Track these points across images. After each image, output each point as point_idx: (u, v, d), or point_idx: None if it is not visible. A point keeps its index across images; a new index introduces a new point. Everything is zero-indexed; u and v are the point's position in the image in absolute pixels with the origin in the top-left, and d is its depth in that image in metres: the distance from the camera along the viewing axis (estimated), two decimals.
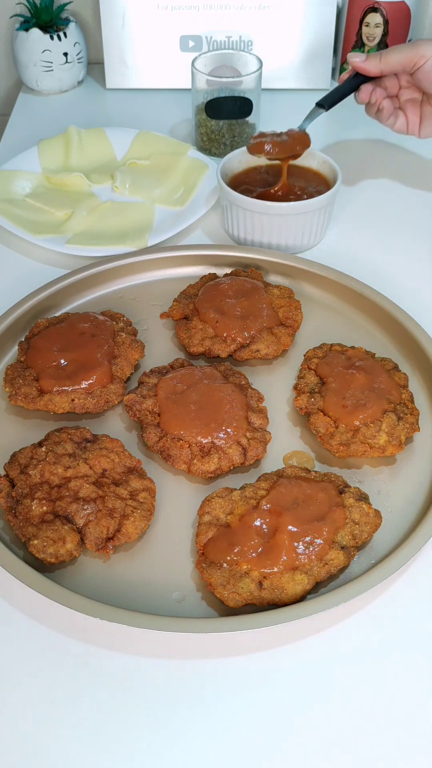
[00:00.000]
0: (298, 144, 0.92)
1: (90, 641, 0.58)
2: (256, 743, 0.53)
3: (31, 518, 0.62)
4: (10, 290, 0.86)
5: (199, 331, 0.79)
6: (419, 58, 0.87)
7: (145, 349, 0.79)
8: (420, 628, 0.59)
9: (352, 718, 0.54)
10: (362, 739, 0.53)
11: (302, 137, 0.93)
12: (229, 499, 0.64)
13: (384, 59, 0.88)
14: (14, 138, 1.17)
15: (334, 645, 0.58)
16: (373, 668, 0.57)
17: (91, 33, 1.31)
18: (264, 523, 0.61)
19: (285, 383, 0.78)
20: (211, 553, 0.60)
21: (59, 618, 0.59)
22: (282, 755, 0.53)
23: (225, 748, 0.53)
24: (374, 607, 0.60)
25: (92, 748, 0.53)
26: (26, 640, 0.58)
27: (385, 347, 0.81)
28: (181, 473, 0.69)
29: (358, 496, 0.64)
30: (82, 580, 0.61)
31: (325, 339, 0.81)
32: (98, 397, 0.73)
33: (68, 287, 0.85)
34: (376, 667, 0.57)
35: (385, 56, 0.89)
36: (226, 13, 1.19)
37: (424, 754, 0.53)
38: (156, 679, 0.56)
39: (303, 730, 0.54)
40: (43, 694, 0.55)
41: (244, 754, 0.53)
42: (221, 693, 0.56)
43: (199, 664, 0.57)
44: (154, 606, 0.59)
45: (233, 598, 0.58)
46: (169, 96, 1.26)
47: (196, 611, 0.59)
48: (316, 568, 0.59)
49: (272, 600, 0.58)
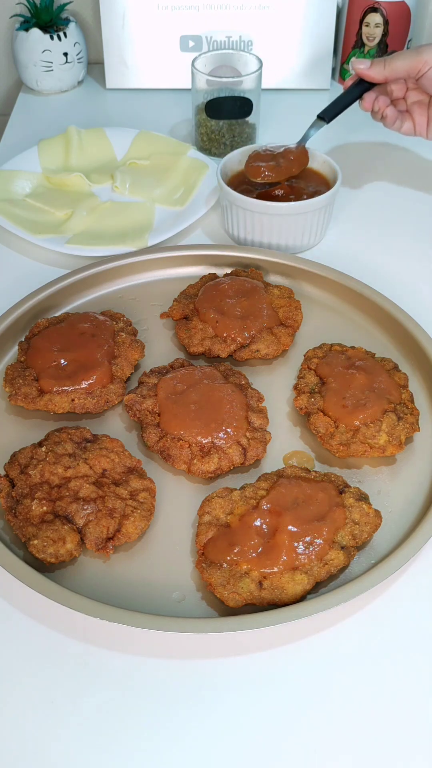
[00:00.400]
0: (295, 165, 0.92)
1: (90, 641, 0.58)
2: (256, 743, 0.53)
3: (31, 518, 0.62)
4: (10, 290, 0.86)
5: (199, 331, 0.79)
6: (423, 64, 0.86)
7: (145, 349, 0.79)
8: (420, 628, 0.59)
9: (352, 718, 0.54)
10: (362, 739, 0.53)
11: (300, 156, 0.93)
12: (229, 499, 0.64)
13: (389, 66, 0.87)
14: (14, 138, 1.17)
15: (335, 645, 0.58)
16: (373, 668, 0.57)
17: (91, 33, 1.31)
18: (264, 523, 0.61)
19: (285, 383, 0.78)
20: (211, 553, 0.60)
21: (59, 618, 0.59)
22: (282, 755, 0.53)
23: (225, 748, 0.53)
24: (374, 607, 0.60)
25: (92, 748, 0.53)
26: (26, 640, 0.58)
27: (385, 347, 0.81)
28: (181, 473, 0.69)
29: (358, 496, 0.64)
30: (82, 580, 0.61)
31: (325, 339, 0.81)
32: (98, 397, 0.73)
33: (68, 287, 0.85)
34: (376, 667, 0.57)
35: (390, 63, 0.87)
36: (226, 13, 1.19)
37: (424, 754, 0.53)
38: (156, 679, 0.56)
39: (303, 730, 0.54)
40: (42, 694, 0.55)
41: (245, 754, 0.53)
42: (221, 693, 0.56)
43: (199, 664, 0.57)
44: (154, 606, 0.59)
45: (233, 598, 0.58)
46: (169, 96, 1.26)
47: (196, 611, 0.60)
48: (316, 568, 0.59)
49: (272, 600, 0.58)
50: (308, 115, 0.91)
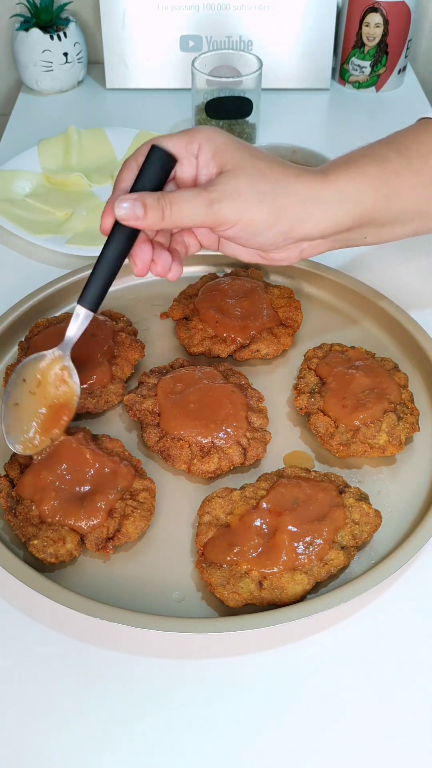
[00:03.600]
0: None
1: (90, 641, 0.58)
2: (255, 743, 0.53)
3: (31, 518, 0.62)
4: (10, 290, 0.86)
5: (199, 331, 0.79)
6: (219, 225, 0.59)
7: (145, 349, 0.79)
8: (420, 629, 0.59)
9: (352, 718, 0.54)
10: (362, 739, 0.53)
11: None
12: (229, 499, 0.64)
13: (172, 214, 0.58)
14: (14, 138, 1.17)
15: (335, 645, 0.58)
16: (373, 668, 0.57)
17: (91, 33, 1.31)
18: (264, 523, 0.61)
19: (285, 383, 0.77)
20: (211, 554, 0.60)
21: (59, 618, 0.59)
22: (282, 755, 0.53)
23: (225, 748, 0.53)
24: (374, 608, 0.60)
25: (91, 748, 0.53)
26: (26, 640, 0.58)
27: (385, 347, 0.81)
28: (181, 473, 0.69)
29: (358, 496, 0.64)
30: (82, 580, 0.61)
31: (325, 339, 0.81)
32: (98, 397, 0.73)
33: (68, 287, 0.85)
34: (377, 667, 0.57)
35: (174, 207, 0.58)
36: (226, 13, 1.19)
37: (425, 755, 0.53)
38: (155, 679, 0.56)
39: (303, 731, 0.54)
40: (42, 693, 0.55)
41: (244, 754, 0.53)
42: (221, 693, 0.56)
43: (198, 664, 0.57)
44: (154, 606, 0.59)
45: (233, 598, 0.58)
46: (169, 96, 1.26)
47: (196, 611, 0.59)
48: (316, 568, 0.59)
49: (272, 600, 0.58)
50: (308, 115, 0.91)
